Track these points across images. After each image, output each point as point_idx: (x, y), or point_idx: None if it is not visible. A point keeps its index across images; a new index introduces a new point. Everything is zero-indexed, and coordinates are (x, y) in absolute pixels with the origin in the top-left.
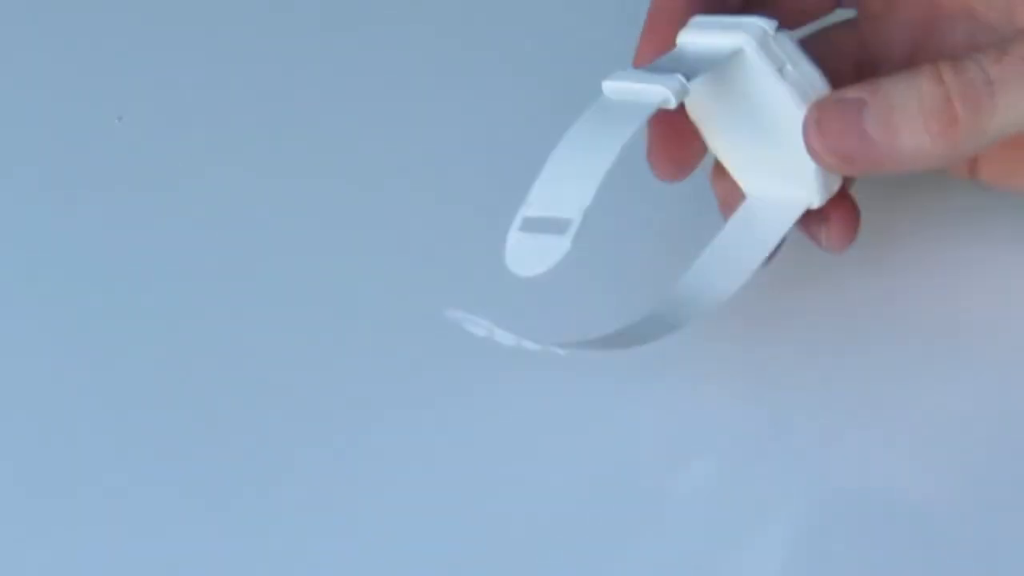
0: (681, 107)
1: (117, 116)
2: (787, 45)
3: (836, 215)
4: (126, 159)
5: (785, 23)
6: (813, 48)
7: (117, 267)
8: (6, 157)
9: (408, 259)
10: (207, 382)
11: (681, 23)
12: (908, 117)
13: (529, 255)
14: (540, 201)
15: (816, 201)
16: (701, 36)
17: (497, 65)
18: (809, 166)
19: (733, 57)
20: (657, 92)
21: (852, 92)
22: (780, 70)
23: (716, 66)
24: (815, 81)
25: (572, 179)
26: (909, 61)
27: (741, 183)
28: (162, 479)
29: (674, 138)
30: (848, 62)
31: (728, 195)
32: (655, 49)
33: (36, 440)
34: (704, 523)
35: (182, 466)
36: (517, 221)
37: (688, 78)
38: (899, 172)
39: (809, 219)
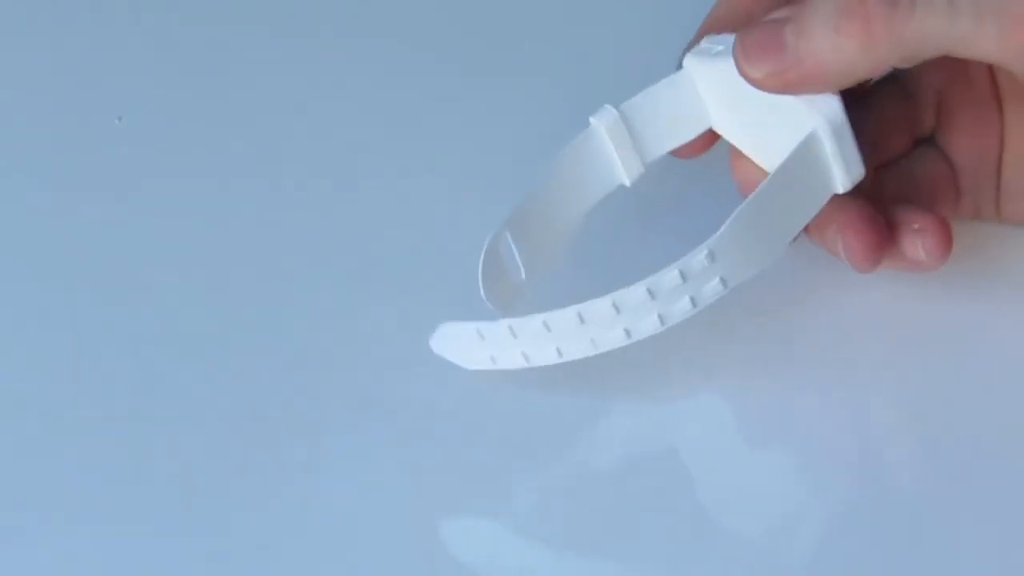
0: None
1: (117, 116)
2: None
3: (931, 226)
4: (126, 159)
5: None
6: None
7: (116, 267)
8: (6, 157)
9: (408, 262)
10: (204, 380)
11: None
12: (822, 19)
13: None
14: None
15: (840, 186)
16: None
17: (497, 67)
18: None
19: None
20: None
21: (779, 13)
22: None
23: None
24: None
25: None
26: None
27: (762, 163)
28: (159, 479)
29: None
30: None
31: (747, 181)
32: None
33: (34, 439)
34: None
35: (180, 465)
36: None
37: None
38: (833, 84)
39: (904, 235)
